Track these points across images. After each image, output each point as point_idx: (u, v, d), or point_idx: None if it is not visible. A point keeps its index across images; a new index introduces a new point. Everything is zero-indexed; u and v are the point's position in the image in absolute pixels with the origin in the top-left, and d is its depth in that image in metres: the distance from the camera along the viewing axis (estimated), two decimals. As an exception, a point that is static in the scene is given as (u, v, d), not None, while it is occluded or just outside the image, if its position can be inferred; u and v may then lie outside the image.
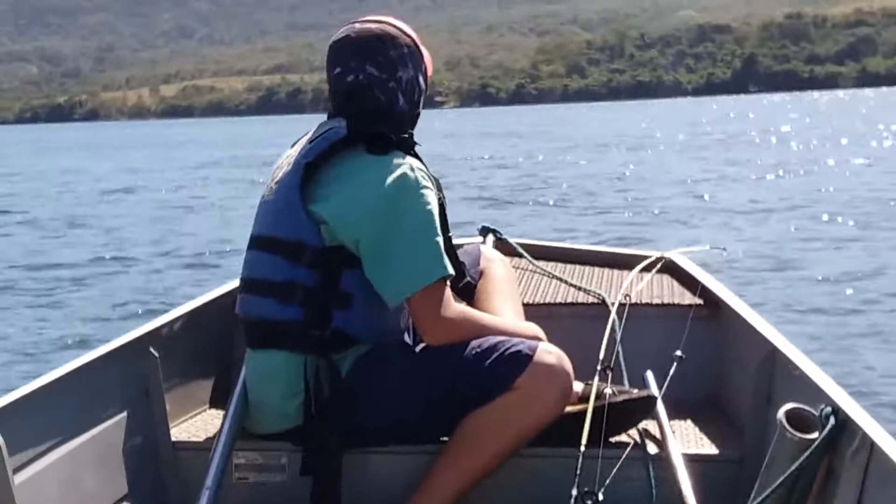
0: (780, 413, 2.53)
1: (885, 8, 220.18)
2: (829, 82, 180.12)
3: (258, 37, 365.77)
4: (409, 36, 3.13)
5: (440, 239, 2.96)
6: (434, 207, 2.98)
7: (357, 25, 3.12)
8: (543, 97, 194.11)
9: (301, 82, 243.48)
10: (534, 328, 3.21)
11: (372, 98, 3.07)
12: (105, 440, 3.09)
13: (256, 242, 3.11)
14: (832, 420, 2.49)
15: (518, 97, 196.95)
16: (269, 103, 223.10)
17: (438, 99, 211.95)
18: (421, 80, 3.15)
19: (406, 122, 3.13)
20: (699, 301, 3.88)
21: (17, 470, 2.61)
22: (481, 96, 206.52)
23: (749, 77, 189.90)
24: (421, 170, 3.01)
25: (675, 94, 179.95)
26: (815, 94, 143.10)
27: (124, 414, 3.20)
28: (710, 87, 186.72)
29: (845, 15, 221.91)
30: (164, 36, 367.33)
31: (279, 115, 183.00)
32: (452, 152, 38.85)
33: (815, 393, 2.71)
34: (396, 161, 2.98)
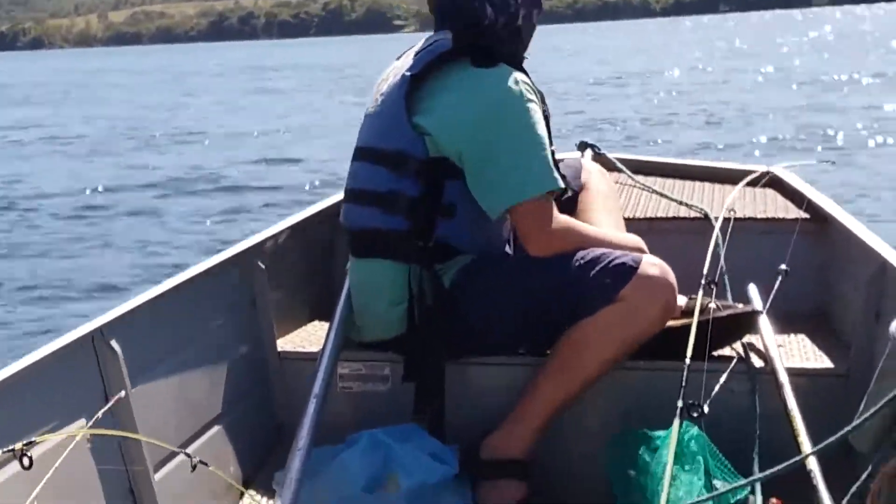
0: (893, 327, 2.34)
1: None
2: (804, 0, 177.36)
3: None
4: None
5: (548, 151, 2.96)
6: (539, 120, 2.97)
7: None
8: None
9: (254, 7, 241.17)
10: (636, 240, 3.19)
11: (459, 10, 3.03)
12: (214, 350, 3.17)
13: (361, 153, 3.14)
14: None
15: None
16: (220, 29, 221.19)
17: (397, 23, 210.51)
18: None
19: (505, 34, 3.05)
20: (805, 215, 3.85)
21: (133, 377, 2.68)
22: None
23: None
24: (525, 82, 2.99)
25: (642, 14, 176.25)
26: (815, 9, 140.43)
27: (233, 324, 3.28)
28: (679, 7, 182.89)
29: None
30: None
31: (231, 41, 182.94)
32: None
33: None
34: (501, 73, 2.96)
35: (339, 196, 3.47)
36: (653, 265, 2.95)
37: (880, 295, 3.08)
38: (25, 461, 1.74)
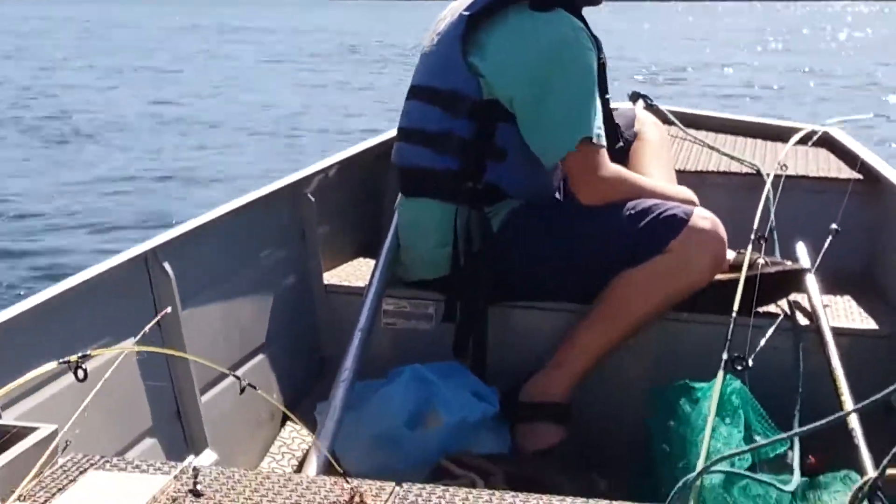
0: None
1: None
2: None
3: None
4: None
5: (595, 102, 2.93)
6: (592, 69, 2.95)
7: None
8: None
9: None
10: (688, 192, 3.17)
11: None
12: (262, 278, 3.20)
13: (415, 92, 3.13)
14: None
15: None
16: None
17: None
18: None
19: None
20: (858, 175, 3.81)
21: (183, 299, 2.71)
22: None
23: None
24: (582, 29, 2.96)
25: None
26: None
27: (281, 255, 3.31)
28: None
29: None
30: None
31: None
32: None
33: None
34: (557, 19, 2.94)
35: (391, 134, 3.48)
36: (704, 218, 2.95)
37: None
38: (80, 374, 1.75)
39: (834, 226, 3.31)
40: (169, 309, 2.53)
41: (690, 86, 19.76)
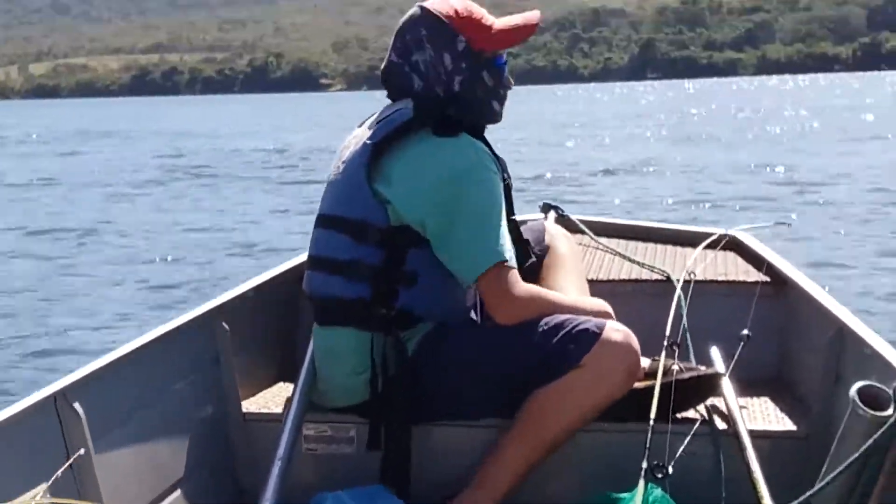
0: (853, 390, 2.48)
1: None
2: (729, 69, 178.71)
3: (138, 14, 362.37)
4: (434, 17, 3.09)
5: (503, 225, 2.98)
6: (498, 191, 3.00)
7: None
8: None
9: (180, 62, 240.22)
10: (602, 304, 3.21)
11: (391, 83, 3.15)
12: (178, 411, 3.16)
13: (323, 221, 3.15)
14: None
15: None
16: (142, 83, 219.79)
17: (324, 81, 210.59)
18: (448, 59, 3.07)
19: (471, 105, 3.09)
20: (765, 278, 3.88)
21: (95, 438, 2.66)
22: (369, 79, 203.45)
23: (647, 63, 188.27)
24: (485, 152, 3.02)
25: (571, 79, 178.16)
26: (750, 79, 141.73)
27: (196, 385, 3.26)
28: (608, 73, 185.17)
29: (741, 1, 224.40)
30: (39, 13, 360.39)
31: (154, 95, 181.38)
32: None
33: (885, 371, 2.69)
34: (461, 143, 2.99)
35: (304, 256, 3.46)
36: (616, 331, 2.97)
37: (839, 358, 3.12)
38: None
39: (745, 332, 3.37)
40: (82, 451, 2.50)
41: (599, 189, 20.22)
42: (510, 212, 3.06)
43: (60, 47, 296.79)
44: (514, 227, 3.09)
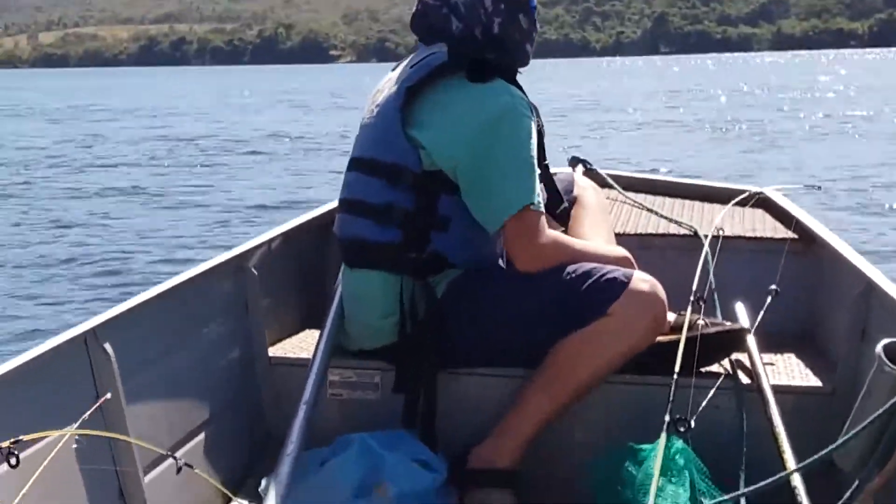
0: (879, 347, 2.46)
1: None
2: (744, 44, 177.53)
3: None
4: None
5: (535, 169, 2.98)
6: (532, 137, 2.99)
7: None
8: None
9: (189, 32, 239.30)
10: (625, 253, 3.21)
11: (426, 22, 3.12)
12: (206, 353, 3.19)
13: (356, 164, 3.15)
14: None
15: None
16: (150, 54, 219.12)
17: (333, 53, 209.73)
18: (488, 1, 3.05)
19: (507, 48, 3.08)
20: (794, 235, 3.89)
21: (124, 379, 2.68)
22: (379, 51, 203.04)
23: (659, 37, 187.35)
24: (520, 97, 3.01)
25: (583, 53, 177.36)
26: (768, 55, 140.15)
27: (224, 329, 3.30)
28: (620, 47, 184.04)
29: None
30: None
31: (161, 65, 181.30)
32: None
33: None
34: (495, 89, 2.98)
35: (332, 205, 3.50)
36: (643, 281, 2.98)
37: (866, 314, 3.12)
38: (13, 460, 1.73)
39: (773, 286, 3.38)
40: (110, 392, 2.54)
41: (628, 149, 20.40)
42: (542, 157, 3.07)
43: (70, 17, 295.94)
44: (547, 174, 3.13)
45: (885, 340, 2.47)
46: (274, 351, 3.45)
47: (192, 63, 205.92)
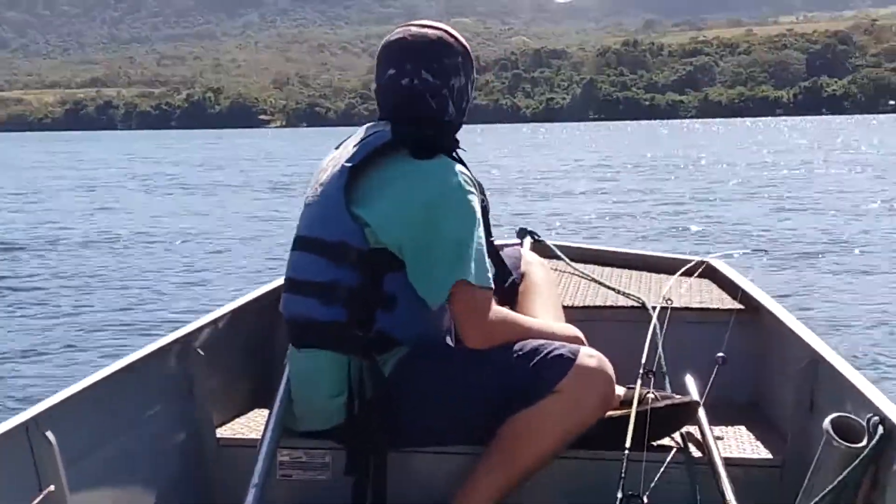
0: (827, 422, 2.54)
1: (720, 37, 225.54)
2: (671, 112, 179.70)
3: (77, 49, 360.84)
4: (462, 45, 3.16)
5: (482, 245, 2.98)
6: (477, 213, 3.00)
7: (413, 29, 3.12)
8: (374, 118, 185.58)
9: (117, 97, 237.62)
10: (574, 330, 3.22)
11: (424, 104, 3.08)
12: (152, 437, 3.17)
13: (300, 243, 3.14)
14: (880, 429, 2.51)
15: (348, 118, 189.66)
16: (76, 118, 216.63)
17: (263, 117, 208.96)
18: (470, 89, 3.19)
19: (454, 126, 3.15)
20: (740, 306, 3.91)
21: (67, 467, 2.66)
22: (309, 116, 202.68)
23: (590, 103, 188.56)
24: (464, 174, 3.02)
25: (513, 119, 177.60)
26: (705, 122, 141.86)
27: (170, 412, 3.27)
28: (550, 113, 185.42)
29: (682, 44, 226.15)
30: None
31: (88, 129, 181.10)
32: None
33: (859, 402, 2.73)
34: (440, 166, 3.00)
35: (280, 281, 3.46)
36: (590, 356, 2.98)
37: (813, 387, 3.12)
38: None
39: (720, 355, 3.39)
40: (53, 484, 2.51)
41: (577, 220, 20.25)
42: (488, 234, 3.08)
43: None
44: (493, 250, 3.11)
45: (833, 415, 2.55)
46: (222, 432, 3.42)
47: (118, 127, 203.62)
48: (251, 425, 3.46)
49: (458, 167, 2.99)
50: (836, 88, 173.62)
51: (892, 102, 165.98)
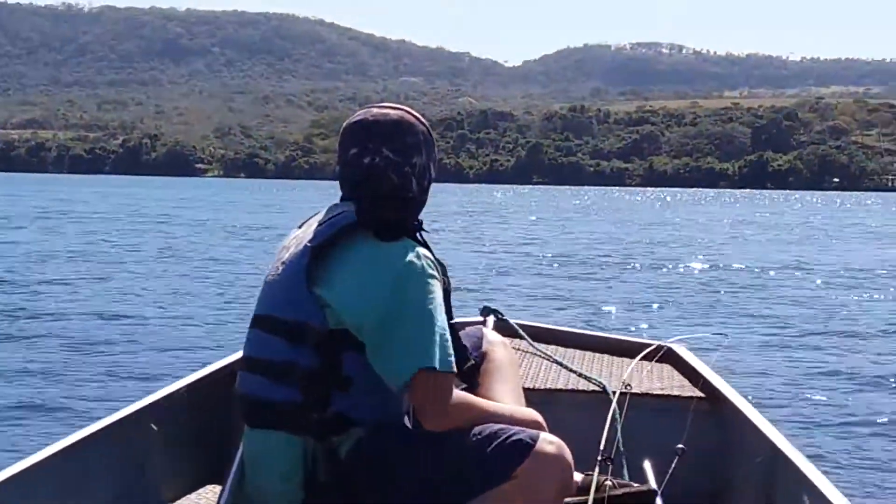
0: None
1: (667, 107, 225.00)
2: (616, 179, 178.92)
3: (17, 90, 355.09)
4: (423, 125, 3.18)
5: (444, 330, 2.95)
6: (439, 297, 2.97)
7: (374, 110, 3.16)
8: (315, 172, 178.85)
9: (53, 139, 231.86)
10: (534, 415, 3.19)
11: (387, 180, 3.08)
12: None
13: (258, 321, 3.10)
14: None
15: (287, 170, 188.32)
16: (7, 158, 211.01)
17: (200, 166, 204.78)
18: (432, 168, 3.19)
19: (416, 207, 3.15)
20: (700, 394, 3.88)
21: None
22: (248, 166, 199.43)
23: (534, 167, 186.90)
24: (427, 257, 3.01)
25: (457, 179, 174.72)
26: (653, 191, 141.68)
27: (121, 487, 3.20)
28: (494, 175, 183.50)
29: (628, 112, 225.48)
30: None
31: (17, 172, 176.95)
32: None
33: (816, 498, 2.70)
34: (403, 249, 2.98)
35: (237, 355, 3.41)
36: (550, 443, 2.95)
37: (772, 483, 3.11)
38: None
39: (680, 446, 3.37)
40: None
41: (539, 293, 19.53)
42: (449, 316, 3.03)
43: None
44: (453, 332, 3.06)
45: None
46: None
47: (49, 170, 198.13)
48: (202, 503, 3.39)
49: (422, 250, 2.99)
50: (781, 164, 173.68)
51: (835, 180, 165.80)
